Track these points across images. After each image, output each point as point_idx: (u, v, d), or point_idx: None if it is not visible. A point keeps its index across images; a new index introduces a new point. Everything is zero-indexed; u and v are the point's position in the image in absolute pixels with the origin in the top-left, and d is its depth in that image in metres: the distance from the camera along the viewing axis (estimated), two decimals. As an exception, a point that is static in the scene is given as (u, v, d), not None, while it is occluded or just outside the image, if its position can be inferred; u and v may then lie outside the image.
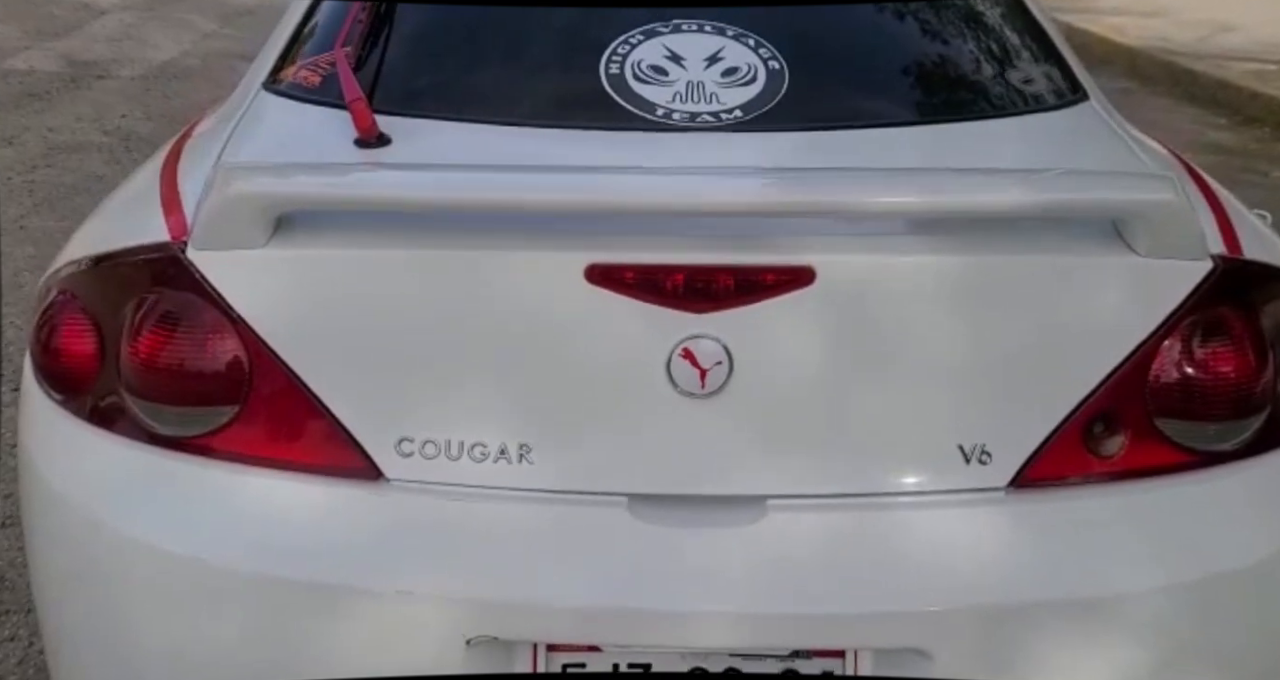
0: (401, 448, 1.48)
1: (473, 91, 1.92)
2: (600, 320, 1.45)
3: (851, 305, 1.47)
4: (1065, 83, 2.04)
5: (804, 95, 1.87)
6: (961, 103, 1.96)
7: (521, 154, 1.72)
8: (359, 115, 1.73)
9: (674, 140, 1.78)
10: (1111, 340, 1.51)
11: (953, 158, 1.74)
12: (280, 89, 2.00)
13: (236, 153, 1.75)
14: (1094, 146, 1.88)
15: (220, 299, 1.50)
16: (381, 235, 1.47)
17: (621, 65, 1.90)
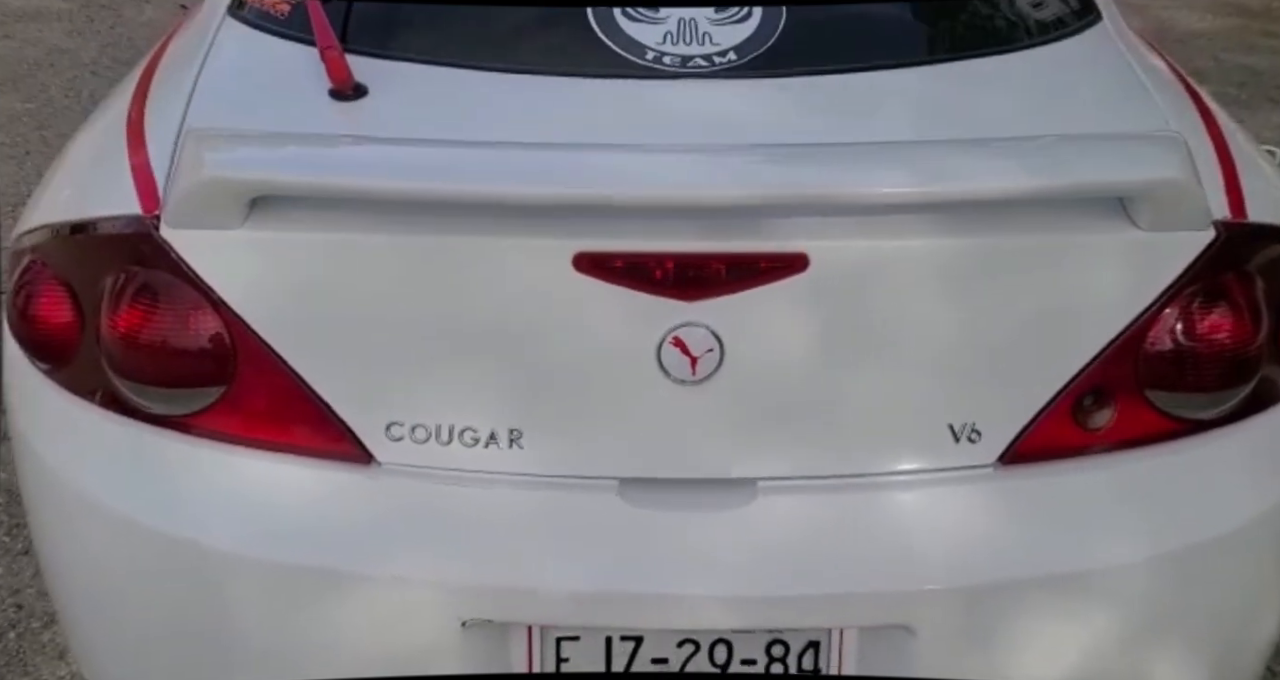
0: (391, 432, 1.46)
1: (452, 29, 1.83)
2: (590, 308, 1.42)
3: (844, 290, 1.44)
4: (1079, 3, 1.95)
5: (799, 33, 1.79)
6: (965, 36, 1.89)
7: (504, 110, 1.65)
8: (333, 66, 1.65)
9: (664, 89, 1.71)
10: (1106, 315, 1.49)
11: (950, 111, 1.68)
12: (247, 17, 1.90)
13: (203, 105, 1.66)
14: (1100, 85, 1.81)
15: (198, 279, 1.45)
16: (362, 219, 1.42)
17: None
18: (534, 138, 1.57)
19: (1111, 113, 1.72)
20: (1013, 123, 1.64)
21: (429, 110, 1.66)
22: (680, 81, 1.72)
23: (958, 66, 1.79)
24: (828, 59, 1.78)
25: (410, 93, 1.69)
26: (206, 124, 1.60)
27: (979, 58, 1.81)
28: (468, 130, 1.61)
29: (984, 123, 1.64)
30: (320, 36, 1.69)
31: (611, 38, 1.77)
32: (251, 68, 1.79)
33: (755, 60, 1.75)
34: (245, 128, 1.57)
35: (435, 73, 1.74)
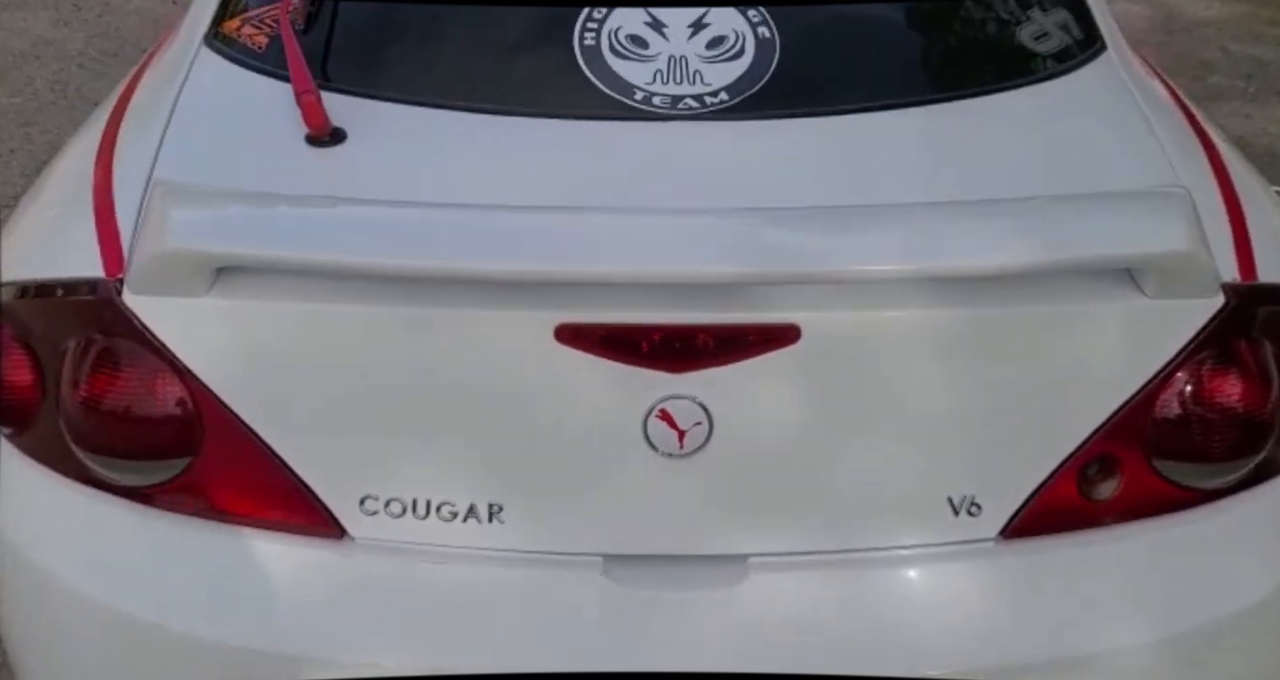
0: (365, 506, 1.40)
1: (434, 66, 1.76)
2: (572, 380, 1.36)
3: (837, 361, 1.38)
4: (1082, 32, 1.88)
5: (793, 71, 1.72)
6: (963, 72, 1.80)
7: (487, 158, 1.58)
8: (309, 112, 1.58)
9: (653, 133, 1.64)
10: (1112, 383, 1.43)
11: (947, 159, 1.61)
12: (223, 48, 1.83)
13: (173, 152, 1.59)
14: (1104, 129, 1.73)
15: (162, 347, 1.39)
16: (335, 288, 1.35)
17: (597, 34, 1.74)
18: (518, 188, 1.51)
19: (1115, 161, 1.64)
20: (1011, 174, 1.57)
21: (409, 156, 1.59)
22: (670, 124, 1.66)
23: (956, 107, 1.71)
24: (821, 98, 1.71)
25: (390, 136, 1.63)
26: (176, 174, 1.54)
27: (978, 96, 1.74)
28: (449, 179, 1.55)
29: (981, 174, 1.57)
30: (296, 80, 1.61)
31: (599, 76, 1.70)
32: (226, 108, 1.72)
33: (747, 100, 1.68)
34: (216, 179, 1.51)
35: (416, 114, 1.67)
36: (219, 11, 1.89)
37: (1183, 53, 4.90)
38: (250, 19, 1.85)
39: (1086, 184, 1.52)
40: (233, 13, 1.88)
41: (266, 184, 1.51)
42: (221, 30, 1.86)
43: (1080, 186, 1.51)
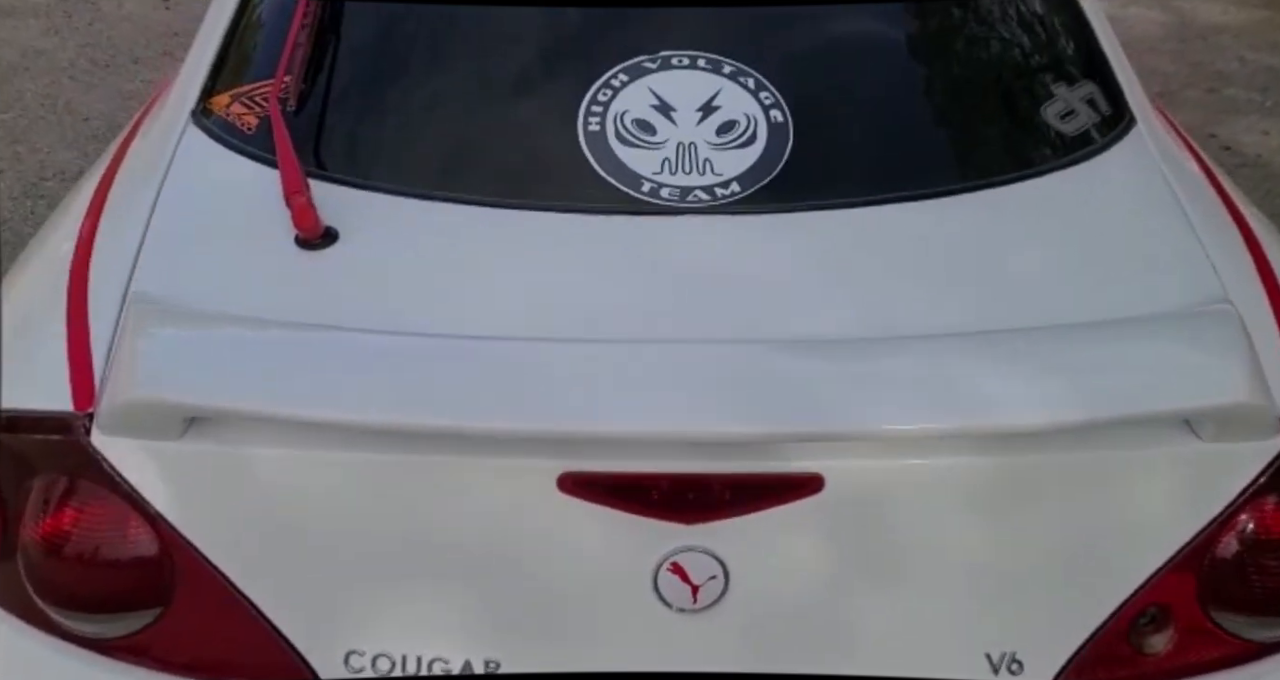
0: (351, 662, 1.33)
1: (431, 151, 1.67)
2: (576, 531, 1.28)
3: (864, 512, 1.30)
4: (1110, 106, 1.79)
5: (808, 158, 1.64)
6: (985, 158, 1.71)
7: (486, 261, 1.50)
8: (299, 215, 1.50)
9: (662, 230, 1.56)
10: (1164, 530, 1.35)
11: (972, 263, 1.52)
12: (211, 127, 1.74)
13: (154, 258, 1.51)
14: (1137, 225, 1.64)
15: (133, 492, 1.31)
16: (320, 434, 1.27)
17: (603, 119, 1.66)
18: (517, 302, 1.43)
19: (1153, 264, 1.56)
20: (1042, 283, 1.49)
21: (402, 261, 1.51)
22: (680, 219, 1.58)
23: (980, 198, 1.63)
24: (837, 188, 1.63)
25: (383, 236, 1.55)
26: (155, 285, 1.46)
27: (1003, 185, 1.65)
28: (444, 290, 1.47)
29: (1011, 283, 1.49)
30: (287, 180, 1.53)
31: (605, 165, 1.62)
32: (212, 200, 1.63)
33: (760, 192, 1.60)
34: (198, 291, 1.44)
35: (412, 208, 1.59)
36: (207, 84, 1.81)
37: (1198, 62, 4.80)
38: (240, 96, 1.77)
39: (1124, 295, 1.45)
40: (222, 86, 1.80)
41: (252, 296, 1.43)
42: (210, 106, 1.78)
43: (1117, 298, 1.43)
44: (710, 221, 1.58)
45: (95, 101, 4.32)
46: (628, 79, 1.69)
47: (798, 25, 1.77)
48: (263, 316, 1.36)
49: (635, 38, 1.73)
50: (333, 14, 1.79)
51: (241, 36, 1.86)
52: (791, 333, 1.36)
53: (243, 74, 1.81)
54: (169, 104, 1.85)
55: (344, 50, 1.76)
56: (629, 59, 1.71)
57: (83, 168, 3.97)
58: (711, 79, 1.70)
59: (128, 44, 4.73)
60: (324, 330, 1.31)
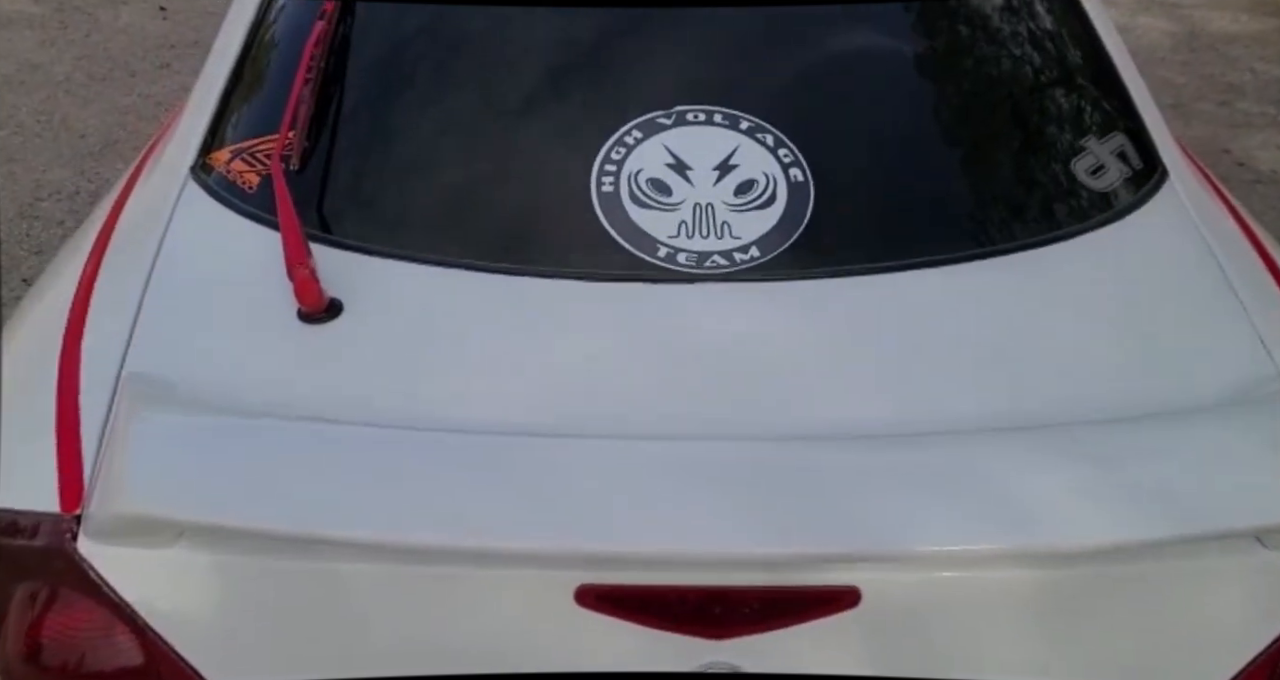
0: None
1: (440, 215, 1.62)
2: (595, 646, 1.22)
3: (905, 626, 1.23)
4: (1141, 160, 1.73)
5: (830, 220, 1.58)
6: (1018, 219, 1.65)
7: (496, 335, 1.45)
8: (302, 288, 1.44)
9: (679, 300, 1.51)
10: (1231, 644, 1.28)
11: (1006, 339, 1.46)
12: (211, 184, 1.68)
13: (149, 332, 1.45)
14: (1175, 291, 1.57)
15: (122, 601, 1.24)
16: (320, 546, 1.21)
17: (616, 179, 1.60)
18: (528, 385, 1.38)
19: (1197, 338, 1.49)
20: (1081, 363, 1.42)
21: (408, 337, 1.46)
22: (698, 287, 1.52)
23: (1012, 263, 1.57)
24: (860, 253, 1.57)
25: (389, 308, 1.49)
26: (150, 365, 1.40)
27: (1035, 248, 1.59)
28: (452, 370, 1.41)
29: (1049, 361, 1.43)
30: (289, 250, 1.47)
31: (619, 229, 1.56)
32: (211, 268, 1.57)
33: (780, 257, 1.55)
34: (194, 373, 1.38)
35: (420, 276, 1.53)
36: (207, 137, 1.75)
37: (1209, 74, 4.74)
38: (242, 152, 1.71)
39: (1174, 378, 1.39)
40: (222, 140, 1.74)
41: (252, 380, 1.37)
42: (209, 161, 1.72)
43: (1167, 382, 1.37)
44: (729, 290, 1.52)
45: (91, 117, 4.25)
46: (642, 136, 1.64)
47: (816, 79, 1.71)
48: (263, 405, 1.30)
49: (649, 92, 1.68)
50: (338, 68, 1.73)
51: (243, 87, 1.80)
52: (819, 422, 1.30)
53: (244, 128, 1.75)
54: (167, 156, 1.79)
55: (350, 107, 1.70)
56: (643, 114, 1.65)
57: (79, 187, 3.91)
58: (728, 135, 1.64)
59: (124, 56, 4.66)
60: (326, 429, 1.24)
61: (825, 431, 1.30)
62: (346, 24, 1.78)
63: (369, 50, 1.76)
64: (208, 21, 4.84)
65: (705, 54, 1.71)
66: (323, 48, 1.71)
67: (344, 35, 1.77)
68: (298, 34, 1.78)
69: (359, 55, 1.75)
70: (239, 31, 1.86)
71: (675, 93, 1.67)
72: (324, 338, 1.44)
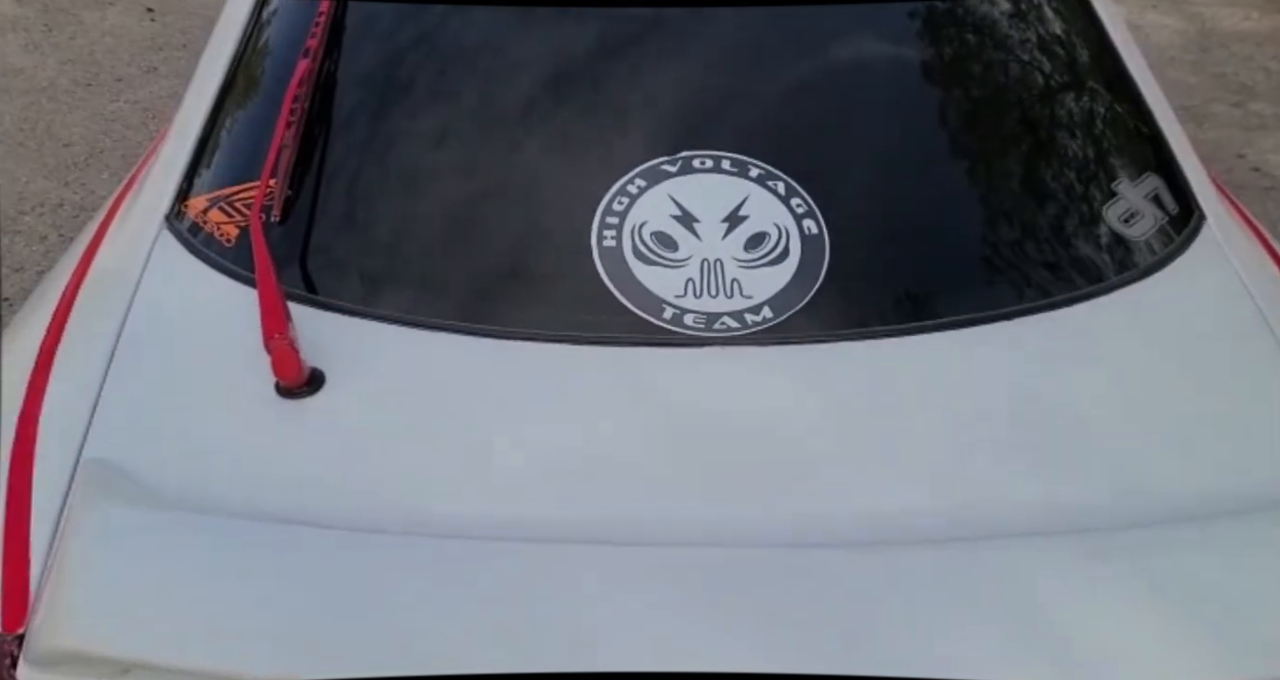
0: None
1: (433, 273, 1.52)
2: None
3: None
4: (1176, 202, 1.63)
5: (847, 277, 1.48)
6: (1052, 274, 1.53)
7: (487, 412, 1.35)
8: (280, 360, 1.34)
9: (685, 368, 1.41)
10: None
11: (1046, 412, 1.36)
12: (186, 235, 1.58)
13: (112, 411, 1.35)
14: (1218, 352, 1.48)
15: None
16: None
17: (619, 232, 1.50)
18: (526, 468, 1.28)
19: (1246, 412, 1.38)
20: (1128, 443, 1.33)
21: (396, 411, 1.36)
22: (706, 352, 1.43)
23: (1044, 324, 1.47)
24: (880, 313, 1.48)
25: (375, 377, 1.40)
26: (110, 448, 1.29)
27: (1070, 305, 1.50)
28: (441, 452, 1.31)
29: (1087, 445, 1.32)
30: (266, 316, 1.37)
31: (622, 288, 1.46)
32: (184, 330, 1.47)
33: (794, 318, 1.45)
34: (159, 459, 1.28)
35: (409, 342, 1.44)
36: (183, 183, 1.65)
37: (1220, 74, 4.63)
38: (219, 200, 1.61)
39: (1230, 463, 1.29)
40: (199, 187, 1.64)
41: (222, 471, 1.27)
42: (185, 209, 1.62)
43: (1221, 468, 1.28)
44: (740, 355, 1.43)
45: (77, 124, 4.14)
46: (646, 184, 1.54)
47: (830, 122, 1.61)
48: (235, 499, 1.21)
49: (652, 137, 1.58)
50: (323, 111, 1.62)
51: (222, 128, 1.70)
52: (839, 520, 1.20)
53: (223, 173, 1.65)
54: (141, 201, 1.68)
55: (336, 153, 1.60)
56: (646, 161, 1.55)
57: (64, 198, 3.80)
58: (738, 184, 1.54)
59: (110, 60, 4.54)
60: (297, 538, 1.14)
61: (845, 532, 1.20)
62: (332, 62, 1.68)
63: (357, 92, 1.66)
64: (196, 23, 4.72)
65: (712, 95, 1.61)
66: (307, 88, 1.61)
67: (330, 74, 1.67)
68: (281, 73, 1.68)
69: (346, 97, 1.65)
70: (219, 66, 1.76)
71: (680, 137, 1.57)
72: (303, 415, 1.35)
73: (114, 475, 1.24)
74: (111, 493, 1.21)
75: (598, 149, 1.58)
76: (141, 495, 1.21)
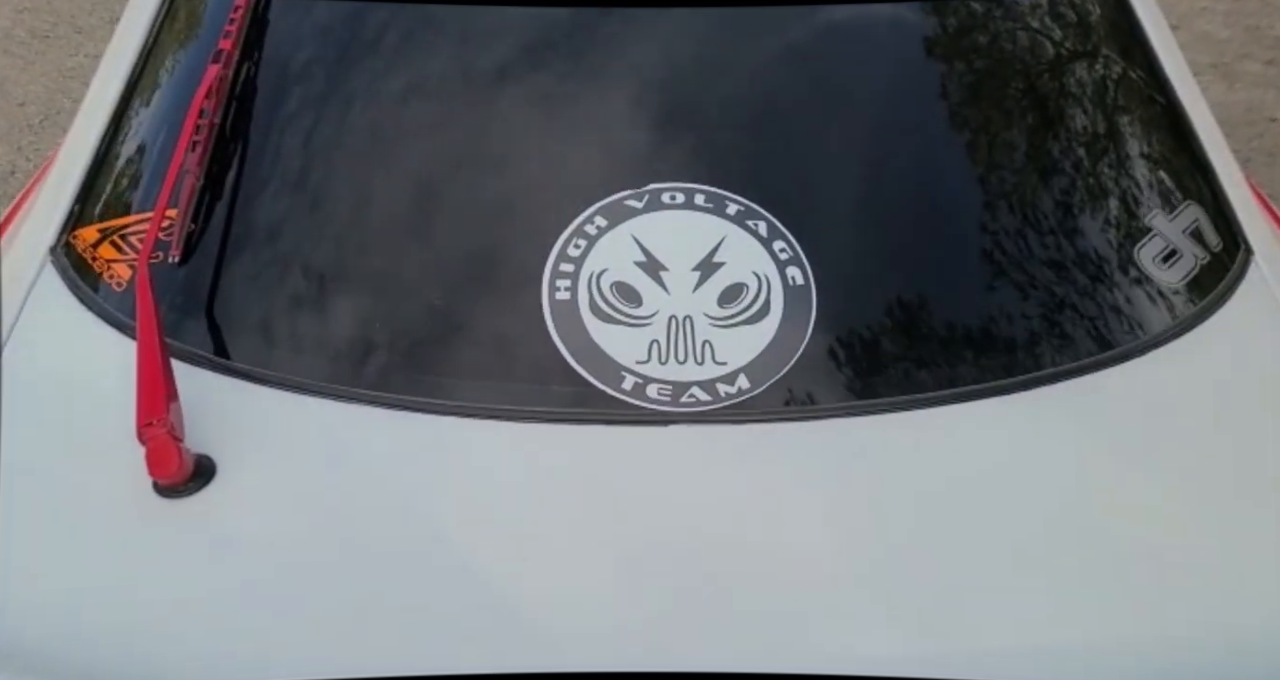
0: None
1: (354, 330, 1.29)
2: None
3: None
4: (1218, 236, 1.41)
5: (838, 339, 1.26)
6: (1072, 334, 1.30)
7: (410, 508, 1.15)
8: (156, 453, 1.12)
9: (646, 448, 1.20)
10: None
11: (1070, 510, 1.16)
12: (72, 273, 1.36)
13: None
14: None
15: None
16: None
17: (574, 283, 1.28)
18: (449, 596, 1.08)
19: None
20: (1166, 553, 1.12)
21: (290, 514, 1.15)
22: (671, 431, 1.21)
23: (1071, 392, 1.25)
24: (876, 382, 1.26)
25: (274, 465, 1.18)
26: None
27: (1098, 370, 1.28)
28: (338, 576, 1.11)
29: (1126, 553, 1.12)
30: (144, 397, 1.14)
31: (575, 351, 1.25)
32: (57, 400, 1.26)
33: (774, 389, 1.23)
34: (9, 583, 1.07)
35: (320, 416, 1.23)
36: (73, 208, 1.42)
37: (1255, 27, 4.34)
38: (112, 233, 1.39)
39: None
40: (91, 214, 1.41)
41: (87, 589, 1.08)
42: (73, 241, 1.39)
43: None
44: (711, 435, 1.21)
45: (32, 81, 3.89)
46: (606, 224, 1.31)
47: (822, 150, 1.37)
48: (96, 641, 1.01)
49: (615, 166, 1.35)
50: (238, 128, 1.39)
51: (120, 145, 1.46)
52: (822, 656, 1.00)
53: (118, 200, 1.42)
54: (26, 228, 1.46)
55: (251, 180, 1.37)
56: (608, 195, 1.32)
57: (15, 165, 3.57)
58: (712, 223, 1.32)
59: (70, 9, 4.27)
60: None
61: (829, 670, 1.00)
62: (251, 67, 1.44)
63: (279, 105, 1.42)
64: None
65: (683, 117, 1.37)
66: (217, 99, 1.37)
67: (247, 82, 1.43)
68: (189, 81, 1.44)
69: (266, 111, 1.41)
70: (121, 68, 1.53)
71: (647, 167, 1.34)
72: (183, 520, 1.13)
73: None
74: None
75: (552, 180, 1.35)
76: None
